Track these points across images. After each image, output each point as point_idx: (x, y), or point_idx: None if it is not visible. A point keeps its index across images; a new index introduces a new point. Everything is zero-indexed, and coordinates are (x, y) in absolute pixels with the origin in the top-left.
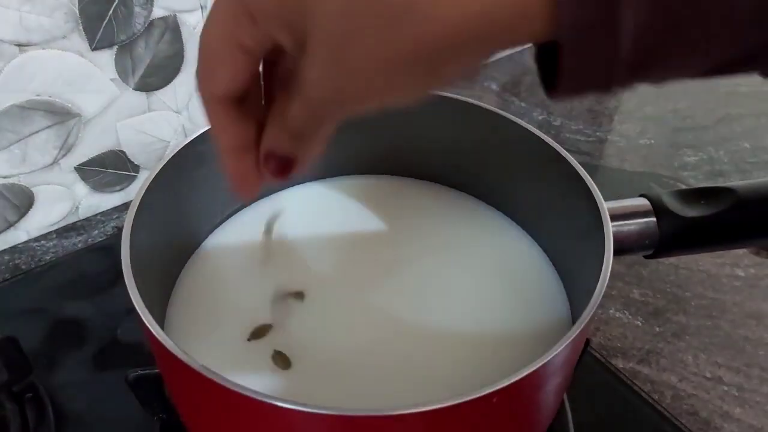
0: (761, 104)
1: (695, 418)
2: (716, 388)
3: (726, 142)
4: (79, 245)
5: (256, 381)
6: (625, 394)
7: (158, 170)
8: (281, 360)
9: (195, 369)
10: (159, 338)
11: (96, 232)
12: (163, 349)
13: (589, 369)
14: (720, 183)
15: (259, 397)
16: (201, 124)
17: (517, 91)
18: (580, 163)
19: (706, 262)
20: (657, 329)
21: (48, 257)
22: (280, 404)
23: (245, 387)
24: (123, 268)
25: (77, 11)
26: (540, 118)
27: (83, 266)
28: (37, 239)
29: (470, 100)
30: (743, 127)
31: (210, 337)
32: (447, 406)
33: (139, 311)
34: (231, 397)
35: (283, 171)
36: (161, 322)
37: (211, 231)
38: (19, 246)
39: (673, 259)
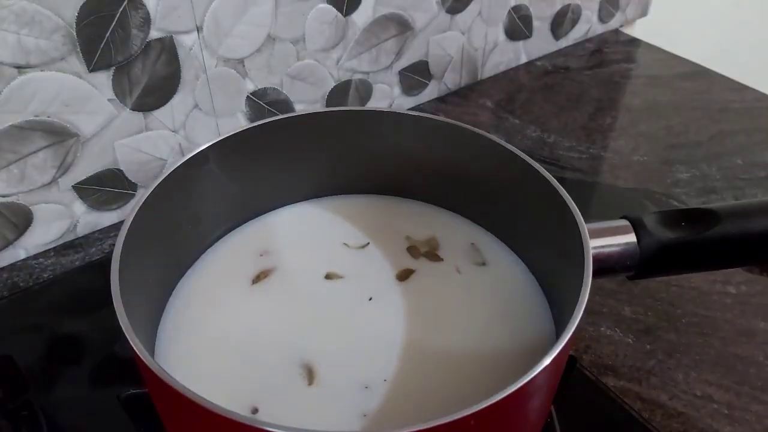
0: (754, 120)
1: None
2: (706, 406)
3: (719, 159)
4: (77, 263)
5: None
6: (615, 412)
7: (151, 190)
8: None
9: (181, 393)
10: (146, 361)
11: (94, 249)
12: (150, 373)
13: (579, 387)
14: (712, 199)
15: (247, 421)
16: (198, 143)
17: (511, 108)
18: (573, 180)
19: (697, 279)
20: (648, 347)
21: (46, 275)
22: (267, 428)
23: (231, 411)
24: (112, 289)
25: (75, 33)
26: (534, 134)
27: (81, 284)
28: (35, 257)
29: (457, 122)
30: (736, 143)
31: (201, 356)
32: (423, 430)
33: (126, 333)
34: (217, 421)
35: None
36: (152, 341)
37: (203, 250)
38: (18, 264)
39: (663, 277)
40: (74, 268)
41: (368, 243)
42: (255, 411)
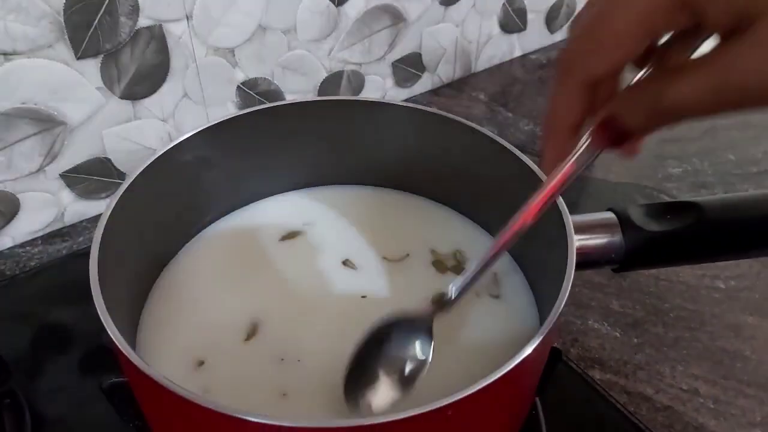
0: (747, 116)
1: (670, 431)
2: (692, 400)
3: (711, 154)
4: (64, 251)
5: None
6: (601, 405)
7: (133, 178)
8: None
9: (157, 380)
10: (122, 349)
11: (81, 238)
12: (127, 361)
13: (566, 380)
14: (703, 194)
15: (222, 410)
16: (186, 132)
17: (504, 102)
18: None
19: (686, 273)
20: (635, 341)
21: (33, 263)
22: (242, 417)
23: (208, 400)
24: (90, 278)
25: (62, 21)
26: (527, 128)
27: (68, 272)
28: (22, 245)
29: (448, 114)
30: (728, 138)
31: (180, 346)
32: (400, 419)
33: (104, 321)
34: (192, 409)
35: (615, 142)
36: (134, 331)
37: (189, 238)
38: (5, 252)
39: (653, 271)
40: (61, 256)
41: (407, 255)
42: (201, 363)
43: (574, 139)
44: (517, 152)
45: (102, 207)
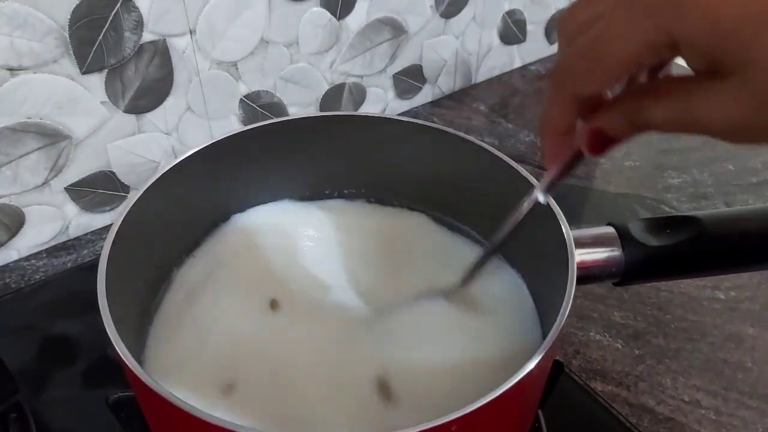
0: None
1: None
2: (694, 411)
3: (710, 164)
4: (69, 264)
5: (227, 404)
6: (603, 417)
7: (140, 194)
8: None
9: (166, 398)
10: (130, 366)
11: (86, 251)
12: (135, 378)
13: (568, 391)
14: (703, 205)
15: (230, 426)
16: (191, 146)
17: (505, 113)
18: (565, 186)
19: (686, 284)
20: (637, 352)
21: (38, 276)
22: None
23: (216, 417)
24: (99, 297)
25: (67, 36)
26: (527, 139)
27: (73, 285)
28: (27, 258)
29: (448, 129)
30: (728, 149)
31: (188, 362)
32: None
33: (112, 338)
34: (201, 426)
35: (602, 148)
36: (140, 345)
37: (193, 250)
38: (10, 265)
39: (651, 282)
40: (66, 269)
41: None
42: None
43: (567, 139)
44: (513, 164)
45: (107, 220)
